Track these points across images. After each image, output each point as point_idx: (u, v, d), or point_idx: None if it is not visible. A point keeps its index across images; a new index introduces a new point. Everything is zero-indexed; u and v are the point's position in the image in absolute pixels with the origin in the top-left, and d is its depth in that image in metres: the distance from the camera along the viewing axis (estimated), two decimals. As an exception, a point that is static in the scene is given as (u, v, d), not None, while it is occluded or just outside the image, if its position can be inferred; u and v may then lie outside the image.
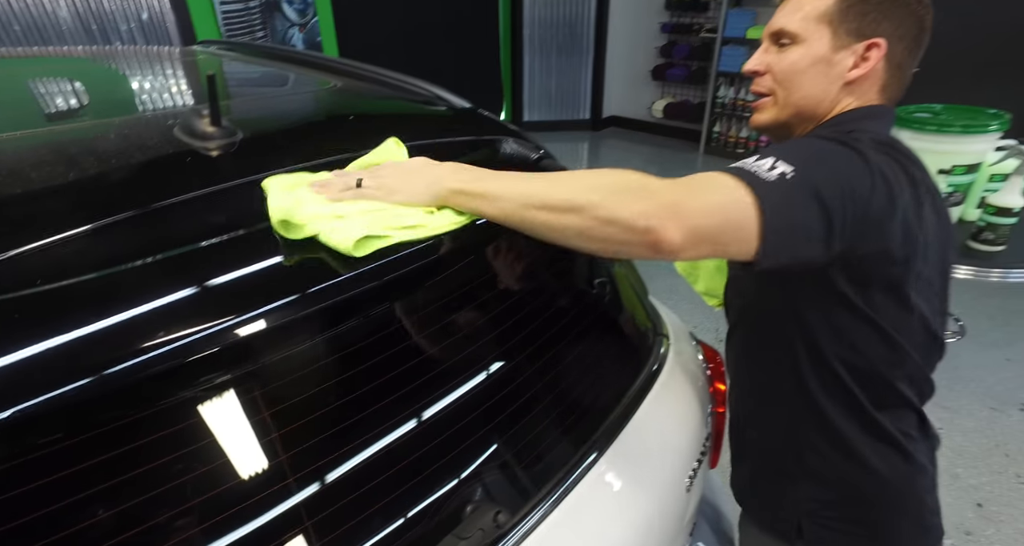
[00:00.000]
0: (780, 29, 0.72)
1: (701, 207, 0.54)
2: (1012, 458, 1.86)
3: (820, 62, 0.71)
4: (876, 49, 0.69)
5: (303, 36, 3.74)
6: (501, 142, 0.90)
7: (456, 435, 0.65)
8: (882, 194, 0.60)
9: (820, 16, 0.70)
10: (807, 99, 0.73)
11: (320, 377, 0.56)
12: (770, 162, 0.58)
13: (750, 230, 0.55)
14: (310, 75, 1.16)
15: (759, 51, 0.76)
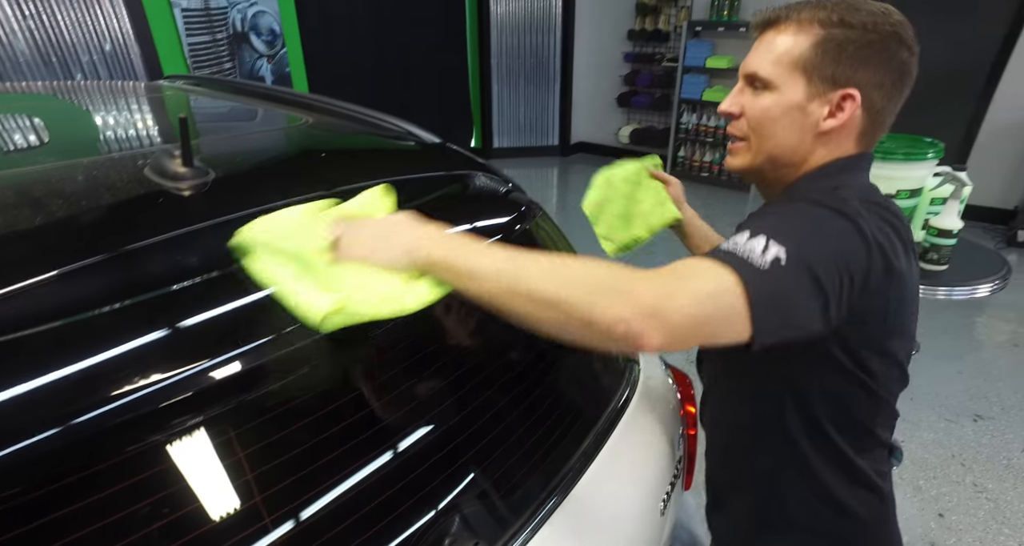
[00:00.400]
0: (753, 73, 0.69)
1: (685, 304, 0.51)
2: (968, 467, 1.93)
3: (794, 110, 0.67)
4: (851, 101, 0.65)
5: (272, 67, 3.76)
6: (471, 177, 0.93)
7: (429, 468, 0.66)
8: (879, 267, 0.59)
9: (794, 63, 0.66)
10: (780, 148, 0.70)
11: (292, 418, 0.56)
12: (762, 243, 0.55)
13: (741, 321, 0.53)
14: (281, 111, 1.17)
15: (735, 91, 0.72)
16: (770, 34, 0.69)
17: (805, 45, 0.65)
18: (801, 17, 0.66)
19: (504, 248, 0.56)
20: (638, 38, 5.24)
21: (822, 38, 0.65)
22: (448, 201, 0.85)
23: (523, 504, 0.71)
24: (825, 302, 0.56)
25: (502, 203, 0.89)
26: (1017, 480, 1.87)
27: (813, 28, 0.65)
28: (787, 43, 0.67)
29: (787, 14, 0.67)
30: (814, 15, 0.66)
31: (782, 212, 0.64)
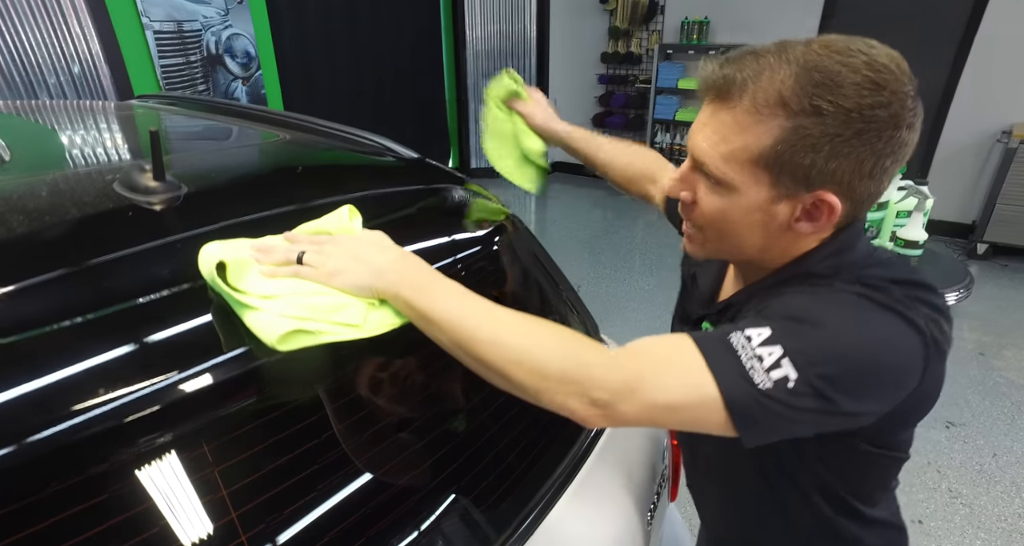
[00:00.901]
0: (700, 162, 0.54)
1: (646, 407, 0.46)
2: (943, 474, 1.97)
3: (755, 212, 0.53)
4: (827, 206, 0.51)
5: (247, 89, 3.74)
6: (449, 190, 0.93)
7: (412, 483, 0.64)
8: (934, 364, 0.50)
9: (753, 160, 0.50)
10: (745, 248, 0.57)
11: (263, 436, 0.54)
12: (775, 355, 0.45)
13: (720, 426, 0.47)
14: (256, 128, 1.16)
15: (685, 168, 0.57)
16: (721, 111, 0.52)
17: (766, 141, 0.49)
18: (758, 95, 0.49)
19: (467, 296, 0.53)
20: (611, 60, 5.38)
21: (788, 132, 0.48)
22: (426, 214, 0.85)
23: (506, 520, 0.69)
24: (844, 414, 0.47)
25: (481, 216, 0.89)
26: (990, 485, 1.91)
27: (776, 117, 0.48)
28: (742, 135, 0.50)
29: (740, 84, 0.49)
30: (776, 91, 0.48)
31: (811, 311, 0.49)
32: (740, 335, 0.48)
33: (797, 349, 0.46)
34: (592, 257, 3.91)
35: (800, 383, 0.45)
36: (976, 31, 3.68)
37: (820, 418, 0.47)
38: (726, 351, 0.47)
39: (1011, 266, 3.60)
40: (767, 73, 0.49)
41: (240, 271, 0.52)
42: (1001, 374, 2.52)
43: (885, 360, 0.48)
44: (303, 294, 0.53)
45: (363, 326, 0.53)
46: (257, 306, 0.50)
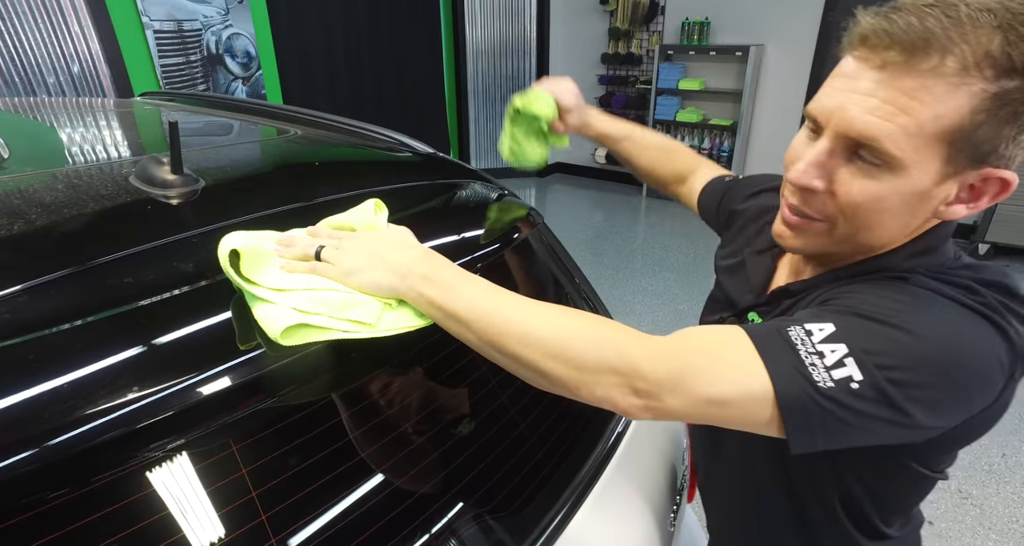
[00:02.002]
0: (870, 140, 0.44)
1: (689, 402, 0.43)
2: (953, 475, 1.96)
3: (915, 197, 0.46)
4: (1000, 186, 0.45)
5: (247, 89, 3.72)
6: (470, 185, 0.91)
7: (432, 489, 0.62)
8: (1019, 375, 0.45)
9: (939, 134, 0.42)
10: (878, 239, 0.50)
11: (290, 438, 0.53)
12: (839, 353, 0.41)
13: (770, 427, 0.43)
14: (267, 124, 1.14)
15: (816, 152, 0.48)
16: (900, 75, 0.42)
17: (964, 110, 0.41)
18: (962, 54, 0.40)
19: (494, 291, 0.50)
20: (612, 61, 5.38)
21: (990, 99, 0.40)
22: (447, 209, 0.83)
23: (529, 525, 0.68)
24: (913, 427, 0.43)
25: (502, 210, 0.87)
26: (999, 485, 1.90)
27: (980, 77, 0.40)
28: (933, 104, 0.41)
29: (943, 40, 0.40)
30: (984, 49, 0.39)
31: (888, 309, 0.44)
32: (800, 329, 0.44)
33: (864, 348, 0.42)
34: (594, 258, 3.90)
35: (865, 386, 0.41)
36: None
37: (881, 427, 0.42)
38: (783, 345, 0.43)
39: (1012, 266, 3.61)
40: (969, 27, 0.40)
41: (257, 262, 0.51)
42: (1006, 374, 2.52)
43: (966, 368, 0.43)
44: (317, 289, 0.51)
45: (376, 325, 0.51)
46: (268, 298, 0.49)
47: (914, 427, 0.43)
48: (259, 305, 0.49)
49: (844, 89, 0.45)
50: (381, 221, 0.62)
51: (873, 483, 0.57)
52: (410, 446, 0.63)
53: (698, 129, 4.92)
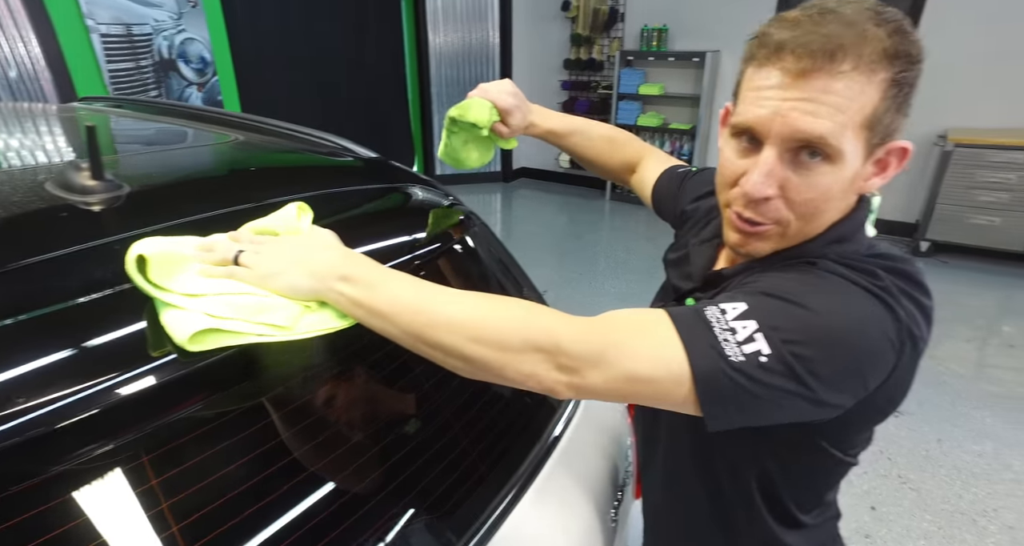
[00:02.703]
0: (817, 139, 0.47)
1: (611, 378, 0.45)
2: (894, 461, 2.05)
3: (851, 178, 0.50)
4: (901, 155, 0.52)
5: (202, 96, 3.63)
6: (407, 189, 0.92)
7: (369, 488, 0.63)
8: (906, 357, 0.48)
9: (865, 122, 0.47)
10: (823, 225, 0.54)
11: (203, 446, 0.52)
12: (749, 329, 0.44)
13: (686, 404, 0.46)
14: (207, 130, 1.13)
15: (767, 163, 0.50)
16: (826, 78, 0.46)
17: (876, 97, 0.47)
18: (866, 51, 0.46)
19: (417, 284, 0.51)
20: (574, 67, 5.45)
21: (890, 84, 0.47)
22: (382, 212, 0.84)
23: (467, 522, 0.69)
24: (815, 402, 0.46)
25: (438, 213, 0.89)
26: (935, 469, 2.00)
27: (881, 68, 0.46)
28: (859, 95, 0.46)
29: (851, 44, 0.45)
30: (881, 45, 0.46)
31: (795, 288, 0.48)
32: (715, 308, 0.47)
33: (771, 325, 0.45)
34: (558, 261, 3.94)
35: (773, 359, 0.44)
36: (914, 41, 3.89)
37: (788, 401, 0.45)
38: (699, 323, 0.46)
39: (951, 263, 3.80)
40: (863, 27, 0.46)
41: (172, 268, 0.51)
42: (943, 364, 2.65)
43: (861, 344, 0.46)
44: (232, 293, 0.51)
45: (293, 328, 0.51)
46: (178, 304, 0.49)
47: (817, 402, 0.46)
48: (167, 311, 0.49)
49: (776, 98, 0.48)
50: (305, 224, 0.62)
51: (789, 467, 0.60)
52: (343, 447, 0.63)
53: (659, 133, 5.03)
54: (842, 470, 0.63)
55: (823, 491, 0.65)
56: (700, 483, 0.68)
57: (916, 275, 0.52)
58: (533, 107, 0.89)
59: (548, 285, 3.41)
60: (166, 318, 0.48)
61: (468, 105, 0.82)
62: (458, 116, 0.82)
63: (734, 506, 0.65)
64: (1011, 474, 1.98)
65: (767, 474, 0.61)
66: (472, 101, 0.83)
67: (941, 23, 3.77)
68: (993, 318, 3.13)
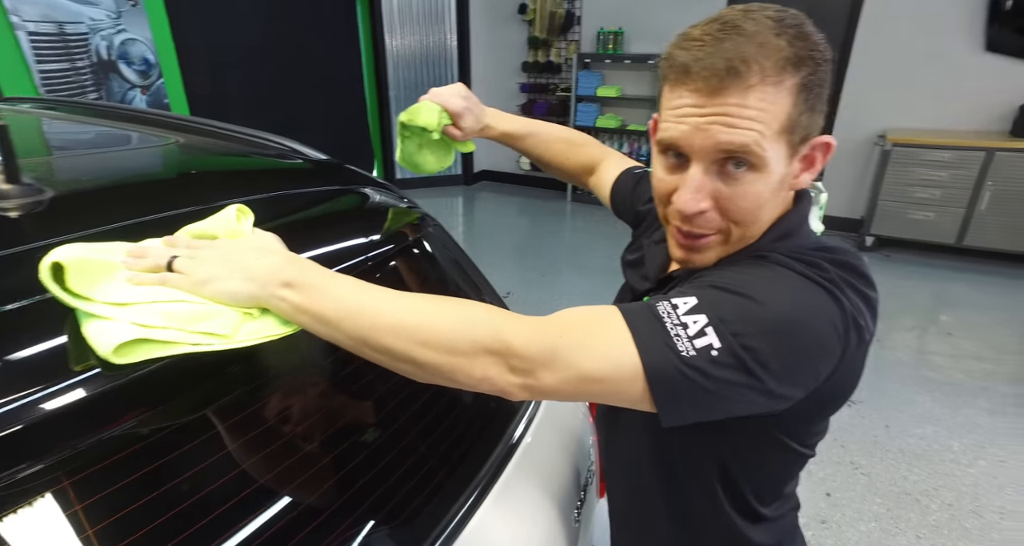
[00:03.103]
0: (743, 147, 0.49)
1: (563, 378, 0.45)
2: (847, 448, 2.13)
3: (779, 181, 0.52)
4: (825, 149, 0.54)
5: (147, 99, 3.48)
6: (359, 191, 0.90)
7: (329, 495, 0.61)
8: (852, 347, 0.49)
9: (783, 127, 0.49)
10: (763, 225, 0.56)
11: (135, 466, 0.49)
12: (700, 323, 0.45)
13: (641, 400, 0.46)
14: (147, 132, 1.07)
15: (696, 178, 0.51)
16: (737, 93, 0.48)
17: (788, 102, 0.49)
18: (769, 63, 0.47)
19: (363, 288, 0.50)
20: (532, 70, 5.49)
21: (799, 89, 0.49)
22: (332, 215, 0.82)
23: (429, 526, 0.67)
24: (767, 394, 0.46)
25: (391, 215, 0.87)
26: (884, 455, 2.09)
27: (787, 75, 0.48)
28: (771, 105, 0.48)
29: (752, 58, 0.47)
30: (782, 54, 0.47)
31: (744, 282, 0.49)
32: (667, 303, 0.47)
33: (721, 318, 0.45)
34: (520, 263, 3.95)
35: (724, 353, 0.44)
36: (852, 45, 4.08)
37: (741, 394, 0.46)
38: (651, 318, 0.46)
39: (893, 257, 4.00)
40: (763, 39, 0.47)
41: (96, 276, 0.47)
42: (891, 353, 2.78)
43: (808, 334, 0.47)
44: (165, 301, 0.48)
45: (233, 336, 0.48)
46: (102, 314, 0.45)
47: (768, 393, 0.46)
48: (90, 322, 0.45)
49: (695, 114, 0.49)
50: (246, 227, 0.59)
51: (749, 461, 0.61)
52: (300, 454, 0.61)
53: (617, 135, 5.11)
54: (801, 462, 0.64)
55: (783, 483, 0.66)
56: (661, 479, 0.68)
57: (861, 268, 0.53)
58: (488, 110, 0.88)
59: (511, 287, 3.41)
60: (89, 330, 0.45)
61: (417, 109, 0.81)
62: (407, 120, 0.81)
63: (696, 501, 0.65)
64: (951, 455, 2.09)
65: (727, 468, 0.61)
66: (421, 105, 0.82)
67: (878, 28, 3.97)
68: (932, 308, 3.31)
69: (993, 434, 2.19)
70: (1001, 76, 3.69)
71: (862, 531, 1.77)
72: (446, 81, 5.74)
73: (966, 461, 2.06)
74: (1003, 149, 3.46)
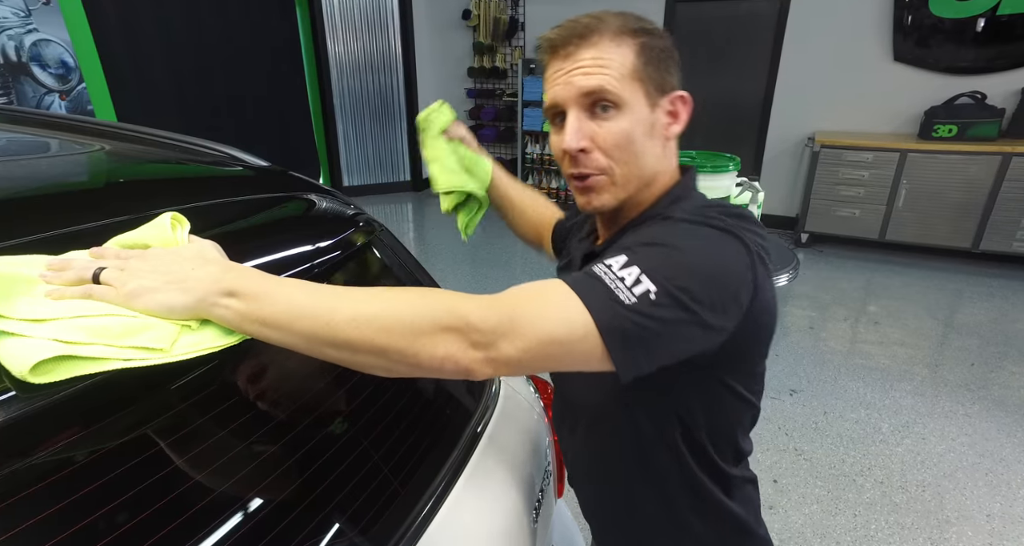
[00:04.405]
0: (598, 88, 0.59)
1: (523, 343, 0.48)
2: (791, 436, 2.25)
3: (647, 125, 0.61)
4: (682, 101, 0.64)
5: (66, 105, 3.26)
6: (302, 197, 0.87)
7: (283, 501, 0.58)
8: (763, 277, 0.57)
9: (631, 73, 0.60)
10: (645, 168, 0.63)
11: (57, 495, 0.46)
12: (634, 274, 0.50)
13: (597, 356, 0.49)
14: (66, 139, 1.01)
15: (572, 122, 0.61)
16: (586, 51, 0.60)
17: (631, 55, 0.60)
18: (609, 30, 0.60)
19: (314, 288, 0.50)
20: (478, 75, 5.51)
21: (640, 48, 0.61)
22: (273, 222, 0.79)
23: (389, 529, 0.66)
24: (705, 326, 0.51)
25: (335, 220, 0.85)
26: (824, 440, 2.22)
27: (628, 41, 0.60)
28: (614, 56, 0.59)
29: (595, 26, 0.60)
30: (619, 25, 0.61)
31: (661, 236, 0.56)
32: (601, 265, 0.52)
33: (652, 267, 0.51)
34: (473, 269, 3.94)
35: (661, 295, 0.49)
36: (780, 54, 4.33)
37: (684, 331, 0.51)
38: (592, 280, 0.51)
39: (826, 252, 4.25)
40: (604, 18, 0.61)
41: (9, 292, 0.44)
42: (826, 343, 2.95)
43: (725, 268, 0.54)
44: (90, 316, 0.45)
45: (169, 350, 0.46)
46: (17, 332, 0.42)
47: (706, 326, 0.52)
48: (4, 340, 0.42)
49: (562, 75, 0.61)
50: (181, 237, 0.56)
51: (702, 408, 0.65)
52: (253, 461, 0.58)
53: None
54: (749, 412, 0.69)
55: (736, 433, 0.71)
56: (629, 455, 0.71)
57: (751, 217, 0.61)
58: None
59: (464, 290, 3.40)
60: (1, 349, 0.42)
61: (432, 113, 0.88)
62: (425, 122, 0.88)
63: (665, 468, 0.69)
64: (880, 436, 2.24)
65: (686, 423, 0.66)
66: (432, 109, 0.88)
67: (804, 36, 4.23)
68: (861, 299, 3.53)
69: (916, 414, 2.36)
70: (908, 83, 4.01)
71: (806, 514, 1.86)
72: (392, 88, 5.68)
73: (894, 441, 2.21)
74: (914, 150, 3.75)
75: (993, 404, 2.42)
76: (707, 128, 4.70)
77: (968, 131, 3.66)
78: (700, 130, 4.66)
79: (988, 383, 2.58)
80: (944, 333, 3.07)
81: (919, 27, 3.87)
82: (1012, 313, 3.26)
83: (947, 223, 3.81)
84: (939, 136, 3.73)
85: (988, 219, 3.68)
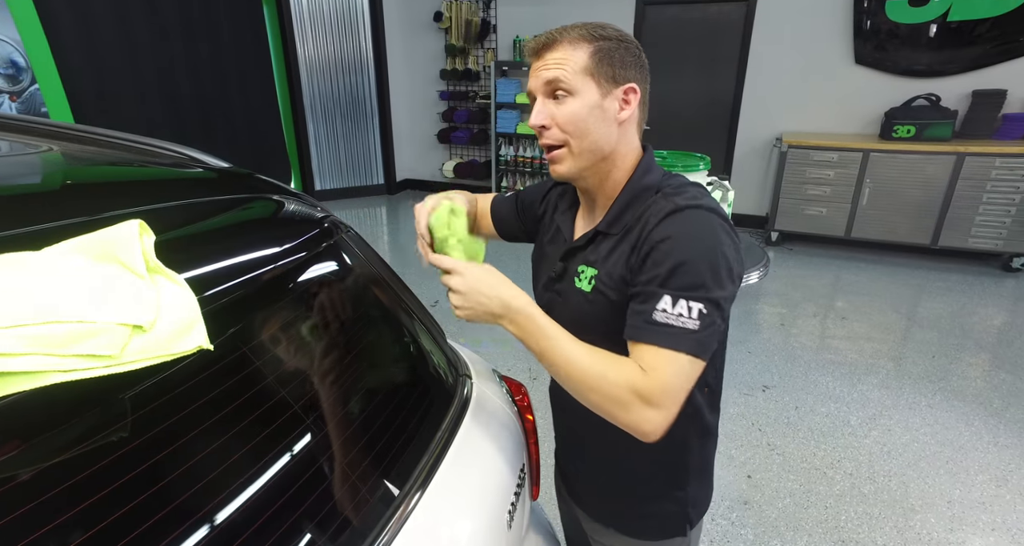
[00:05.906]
0: (554, 79, 0.76)
1: (673, 403, 0.69)
2: (764, 431, 2.29)
3: (595, 108, 0.76)
4: (633, 92, 0.78)
5: (18, 106, 3.13)
6: (266, 199, 0.85)
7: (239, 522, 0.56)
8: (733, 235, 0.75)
9: (584, 69, 0.75)
10: (597, 143, 0.78)
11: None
12: (684, 306, 0.69)
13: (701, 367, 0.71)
14: (14, 139, 0.96)
15: (538, 105, 0.79)
16: (550, 53, 0.77)
17: (584, 56, 0.76)
18: (569, 37, 0.77)
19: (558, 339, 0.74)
20: (451, 77, 5.49)
21: (594, 50, 0.76)
22: (237, 225, 0.76)
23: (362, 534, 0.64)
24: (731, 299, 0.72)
25: (300, 222, 0.83)
26: (795, 434, 2.26)
27: (583, 43, 0.76)
28: (571, 56, 0.76)
29: (560, 35, 0.77)
30: (579, 34, 0.77)
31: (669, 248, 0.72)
32: (659, 312, 0.70)
33: (684, 288, 0.70)
34: (449, 270, 3.91)
35: (705, 304, 0.69)
36: (747, 57, 4.43)
37: (725, 311, 0.72)
38: (666, 329, 0.69)
39: (795, 250, 4.35)
40: (569, 29, 0.78)
41: None
42: (796, 339, 3.02)
43: (726, 250, 0.72)
44: (31, 325, 0.42)
45: (119, 356, 0.44)
46: None
47: (733, 297, 0.73)
48: None
49: (536, 72, 0.78)
50: (147, 244, 0.54)
51: None
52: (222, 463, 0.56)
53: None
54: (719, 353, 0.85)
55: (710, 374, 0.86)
56: None
57: (702, 185, 0.81)
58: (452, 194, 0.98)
59: (437, 296, 3.37)
60: None
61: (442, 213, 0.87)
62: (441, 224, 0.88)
63: None
64: (849, 428, 2.30)
65: None
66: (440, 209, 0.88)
67: (770, 39, 4.33)
68: (829, 296, 3.62)
69: (883, 406, 2.43)
70: (869, 85, 4.14)
71: (779, 508, 1.89)
72: (364, 90, 5.61)
73: (862, 433, 2.27)
74: (876, 150, 3.87)
75: (952, 394, 2.51)
76: (678, 128, 4.77)
77: (925, 132, 3.80)
78: (671, 130, 4.74)
79: (948, 374, 2.67)
80: (907, 327, 3.17)
81: (877, 32, 4.00)
82: (969, 306, 3.38)
83: (908, 220, 3.94)
84: (899, 136, 3.86)
85: (945, 216, 3.83)
